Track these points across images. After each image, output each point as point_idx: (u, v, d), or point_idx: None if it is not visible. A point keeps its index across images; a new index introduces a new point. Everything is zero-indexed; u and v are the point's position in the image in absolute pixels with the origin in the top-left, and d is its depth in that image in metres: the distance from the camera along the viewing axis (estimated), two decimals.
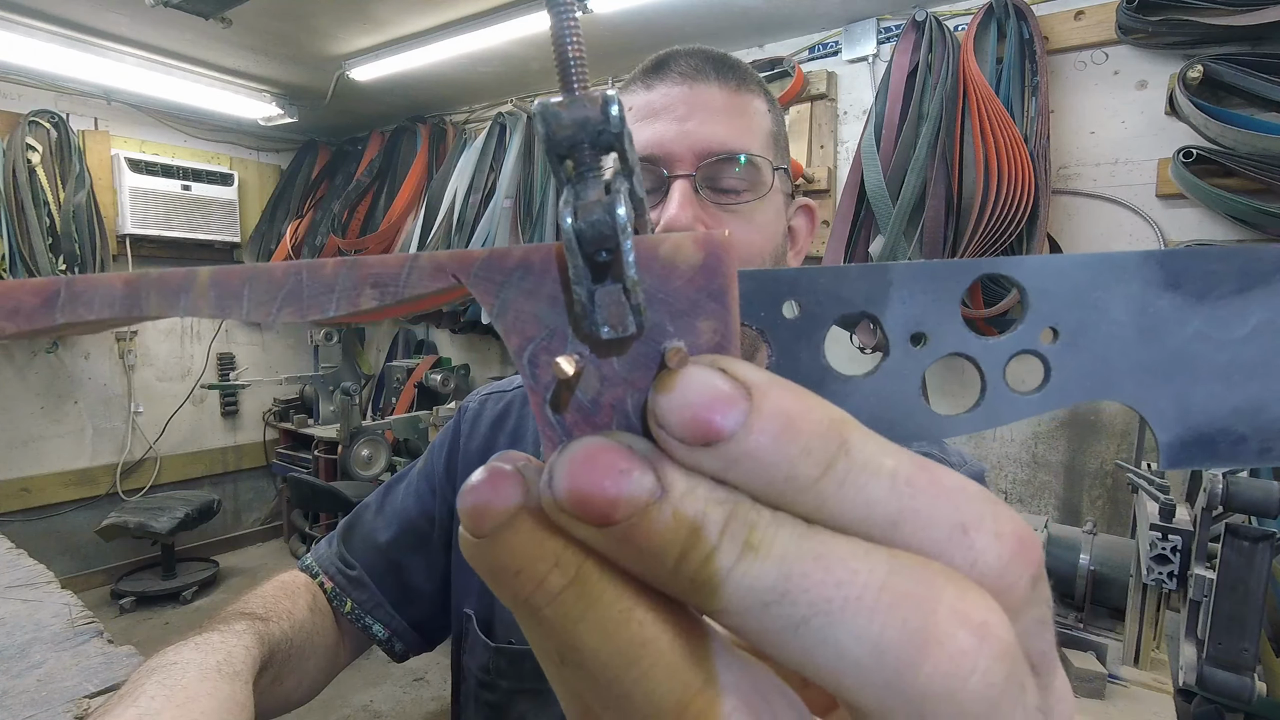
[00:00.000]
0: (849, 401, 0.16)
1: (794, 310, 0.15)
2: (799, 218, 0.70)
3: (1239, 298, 0.14)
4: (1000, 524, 0.13)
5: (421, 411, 3.25)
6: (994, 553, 0.12)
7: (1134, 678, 1.22)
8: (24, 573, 1.03)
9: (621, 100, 0.14)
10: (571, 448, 0.13)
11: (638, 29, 2.41)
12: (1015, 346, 0.15)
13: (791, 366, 0.16)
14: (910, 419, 0.15)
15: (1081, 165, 1.98)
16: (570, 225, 0.13)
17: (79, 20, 2.46)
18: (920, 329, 0.15)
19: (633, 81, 0.64)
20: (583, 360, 0.14)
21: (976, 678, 0.11)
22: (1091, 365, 0.15)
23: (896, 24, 2.24)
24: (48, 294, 0.14)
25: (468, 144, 3.21)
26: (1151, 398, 0.15)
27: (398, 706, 2.50)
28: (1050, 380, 0.15)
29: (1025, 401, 0.15)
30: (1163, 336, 0.14)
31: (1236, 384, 0.14)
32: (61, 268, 2.99)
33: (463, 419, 0.77)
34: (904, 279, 0.15)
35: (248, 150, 3.90)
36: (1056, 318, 0.15)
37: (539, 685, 0.64)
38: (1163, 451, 0.15)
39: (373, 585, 0.72)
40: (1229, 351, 0.14)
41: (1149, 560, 1.14)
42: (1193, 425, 0.15)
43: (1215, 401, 0.14)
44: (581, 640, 0.13)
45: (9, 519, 3.07)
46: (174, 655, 0.49)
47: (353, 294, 0.14)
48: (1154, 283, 0.14)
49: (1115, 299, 0.15)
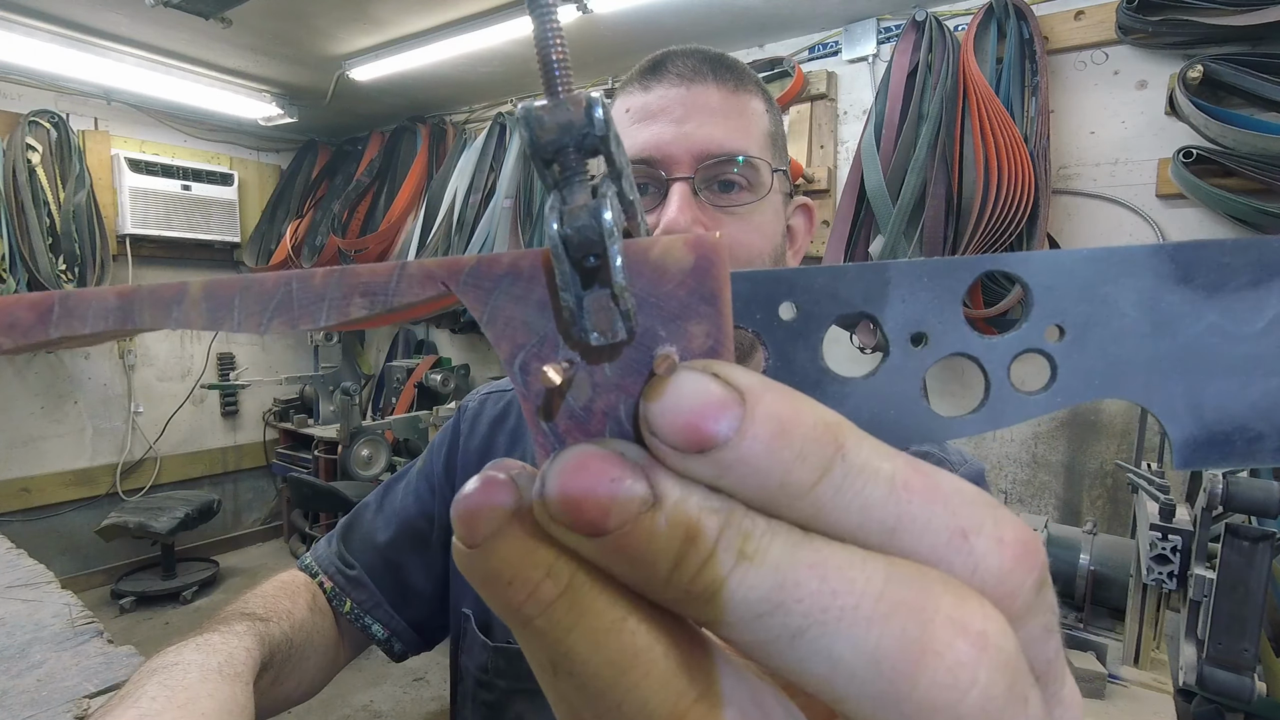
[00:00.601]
0: (848, 404, 0.15)
1: (791, 311, 0.15)
2: (797, 217, 0.70)
3: (1254, 290, 0.14)
4: (1001, 529, 0.12)
5: (421, 411, 3.25)
6: (995, 558, 0.12)
7: (1134, 678, 1.22)
8: (24, 573, 1.03)
9: (606, 103, 0.14)
10: (563, 456, 0.13)
11: (638, 29, 2.41)
12: (1020, 345, 0.15)
13: (788, 369, 0.15)
14: (912, 421, 0.15)
15: (1081, 165, 1.98)
16: (556, 231, 0.13)
17: (79, 20, 2.46)
18: (921, 329, 0.15)
19: (630, 82, 0.64)
20: (572, 368, 0.14)
21: (976, 690, 0.11)
22: (1100, 363, 0.14)
23: (896, 24, 2.24)
24: (42, 309, 0.14)
25: (468, 144, 3.21)
26: (1164, 395, 0.14)
27: (398, 706, 2.50)
28: (1057, 379, 0.15)
29: (1031, 401, 0.15)
30: (1174, 332, 0.14)
31: (1253, 379, 0.14)
32: (61, 268, 2.99)
33: (462, 418, 0.77)
34: (903, 278, 0.15)
35: (248, 150, 3.90)
36: (1062, 314, 0.14)
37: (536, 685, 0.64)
38: (1176, 451, 0.14)
39: (372, 585, 0.72)
40: (1244, 346, 0.14)
41: (1149, 560, 1.14)
42: (1207, 423, 0.14)
43: (1231, 398, 0.14)
44: (573, 650, 0.12)
45: (9, 519, 3.07)
46: (175, 656, 0.49)
47: (342, 303, 0.14)
48: (1165, 276, 0.14)
49: (1124, 294, 0.14)
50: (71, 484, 3.33)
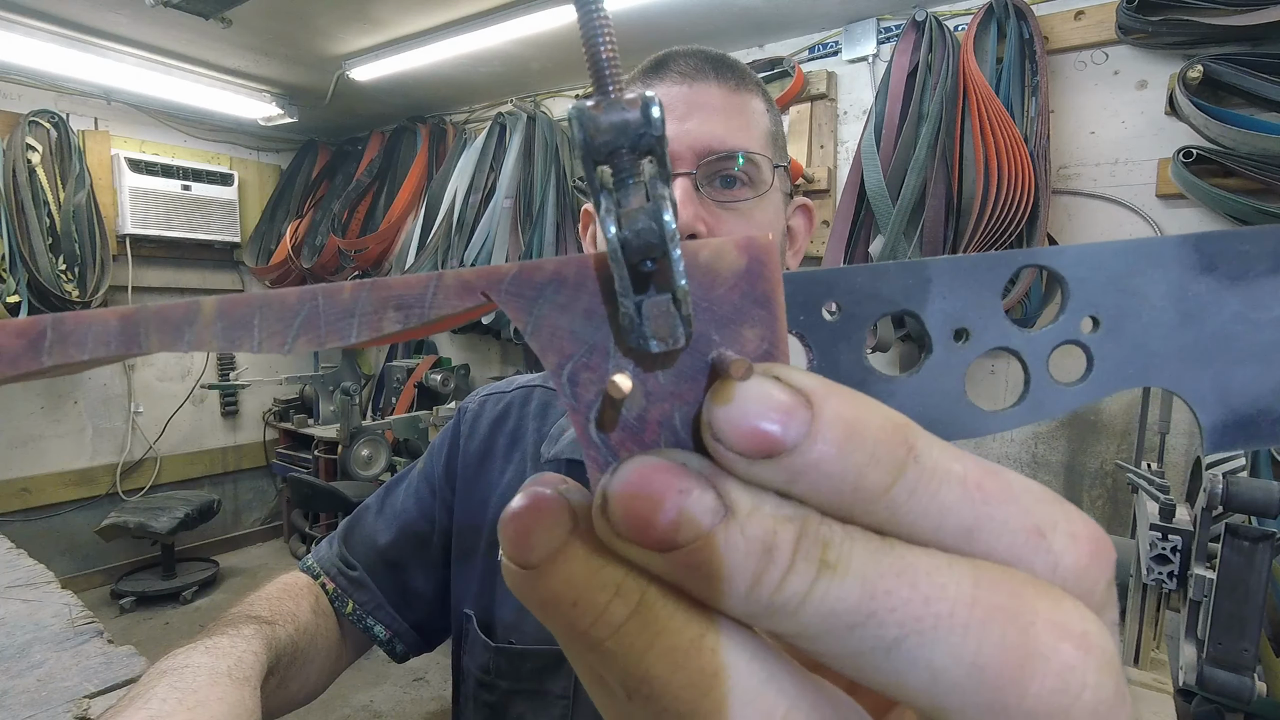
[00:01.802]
0: (893, 403, 0.15)
1: (833, 311, 0.15)
2: (797, 217, 0.70)
3: (1275, 277, 0.14)
4: (1074, 525, 0.12)
5: (421, 411, 3.25)
6: (1072, 555, 0.12)
7: (1134, 678, 1.22)
8: (24, 573, 1.03)
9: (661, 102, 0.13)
10: (624, 469, 0.12)
11: (638, 29, 2.41)
12: (1058, 337, 0.15)
13: (833, 369, 0.15)
14: (956, 417, 0.15)
15: (1081, 165, 1.98)
16: (615, 235, 0.13)
17: (79, 20, 2.46)
18: (962, 324, 0.15)
19: (631, 83, 0.64)
20: (628, 379, 0.13)
21: (1089, 693, 0.11)
22: (1133, 352, 0.15)
23: (896, 24, 2.24)
24: (32, 335, 0.13)
25: (468, 144, 3.21)
26: (1192, 382, 0.15)
27: (398, 706, 2.50)
28: (1093, 369, 0.15)
29: (1070, 392, 0.15)
30: (1201, 320, 0.14)
31: (1275, 363, 0.14)
32: (61, 268, 2.99)
33: (462, 420, 0.77)
34: (943, 274, 0.15)
35: (248, 150, 3.90)
36: (1097, 306, 0.15)
37: (537, 686, 0.64)
38: (1206, 435, 0.15)
39: (373, 586, 0.72)
40: (1268, 331, 0.14)
41: (1149, 560, 1.14)
42: (1234, 407, 0.14)
43: (1256, 382, 0.14)
44: (650, 672, 0.12)
45: (9, 519, 3.07)
46: (184, 658, 0.50)
47: (374, 318, 0.14)
48: (1191, 266, 0.14)
49: (1154, 284, 0.14)
50: (71, 484, 3.33)
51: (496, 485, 0.71)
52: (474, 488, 0.72)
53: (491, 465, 0.72)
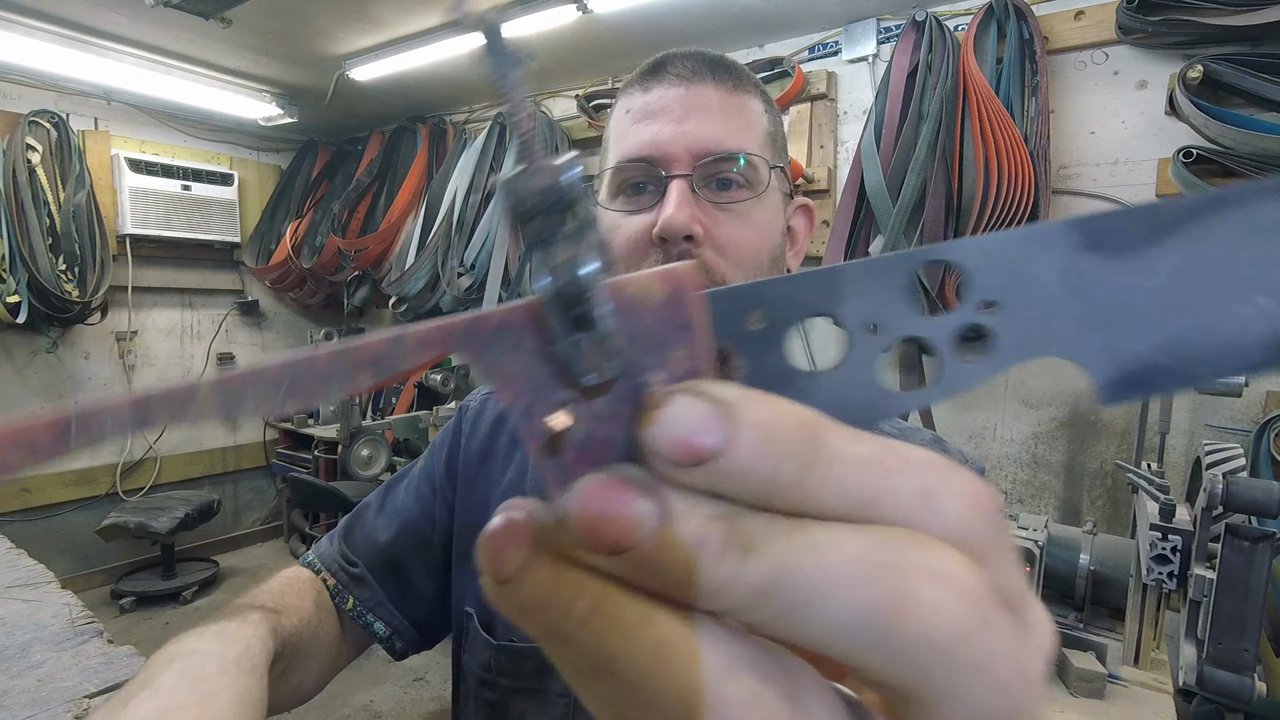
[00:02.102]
0: (818, 395, 0.17)
1: (760, 320, 0.17)
2: (797, 218, 0.70)
3: (1154, 248, 0.16)
4: (958, 484, 0.14)
5: (421, 411, 3.25)
6: (955, 509, 0.14)
7: (1134, 678, 1.22)
8: (24, 573, 1.03)
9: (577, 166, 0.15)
10: (578, 487, 0.14)
11: (638, 29, 2.41)
12: (959, 321, 0.16)
13: (762, 373, 0.17)
14: (874, 402, 0.17)
15: (1081, 165, 1.98)
16: (546, 286, 0.15)
17: (79, 20, 2.47)
18: (873, 320, 0.17)
19: (630, 85, 0.64)
20: (573, 408, 0.15)
21: (953, 622, 0.12)
22: (1029, 328, 0.16)
23: (896, 24, 2.24)
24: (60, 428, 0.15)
25: (468, 144, 3.21)
26: (1084, 348, 0.16)
27: (398, 706, 2.50)
28: (993, 347, 0.16)
29: (973, 370, 0.16)
30: (1089, 292, 0.16)
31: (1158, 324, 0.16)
32: (61, 268, 3.00)
33: (463, 419, 0.77)
34: (855, 277, 0.17)
35: (248, 150, 3.90)
36: (993, 290, 0.16)
37: (539, 684, 0.64)
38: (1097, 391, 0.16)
39: (374, 583, 0.72)
40: (1150, 297, 0.16)
41: (1149, 560, 1.14)
42: (1121, 365, 0.16)
43: (1141, 342, 0.16)
44: (613, 648, 0.14)
45: (9, 519, 3.07)
46: (194, 643, 0.49)
47: (350, 377, 0.16)
48: (1076, 246, 0.16)
49: (1044, 266, 0.16)
50: (71, 484, 3.33)
51: (498, 484, 0.71)
52: (475, 487, 0.72)
53: (493, 464, 0.72)
